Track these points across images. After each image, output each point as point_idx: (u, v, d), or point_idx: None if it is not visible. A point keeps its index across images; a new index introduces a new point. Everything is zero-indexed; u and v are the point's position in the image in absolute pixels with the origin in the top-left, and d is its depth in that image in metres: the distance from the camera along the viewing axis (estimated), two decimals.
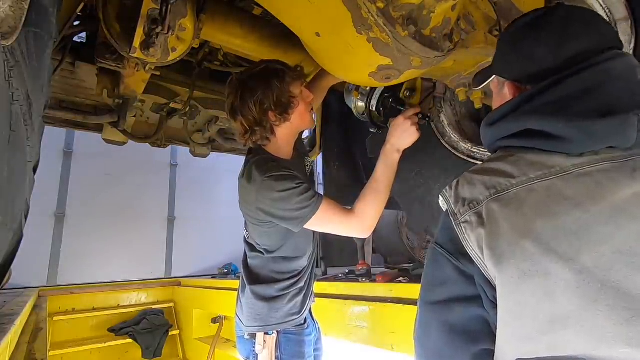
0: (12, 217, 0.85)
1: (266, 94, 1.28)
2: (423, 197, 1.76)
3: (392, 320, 1.65)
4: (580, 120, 0.58)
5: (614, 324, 0.48)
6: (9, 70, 0.67)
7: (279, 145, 1.40)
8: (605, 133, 0.57)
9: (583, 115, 0.58)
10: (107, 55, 1.60)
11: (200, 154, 2.97)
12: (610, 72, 0.61)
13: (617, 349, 0.48)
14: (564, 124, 0.59)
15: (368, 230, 1.32)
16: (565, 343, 0.51)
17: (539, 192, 0.58)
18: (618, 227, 0.52)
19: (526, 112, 0.64)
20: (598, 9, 1.31)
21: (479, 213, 0.62)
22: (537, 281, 0.53)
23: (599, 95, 0.60)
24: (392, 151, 1.36)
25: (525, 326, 0.55)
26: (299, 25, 1.08)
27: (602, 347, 0.48)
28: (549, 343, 0.52)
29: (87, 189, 4.80)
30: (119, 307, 4.42)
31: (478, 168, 0.69)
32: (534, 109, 0.64)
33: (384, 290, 1.81)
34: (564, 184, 0.57)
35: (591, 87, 0.60)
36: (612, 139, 0.57)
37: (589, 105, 0.59)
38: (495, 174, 0.64)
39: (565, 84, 0.62)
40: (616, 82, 0.60)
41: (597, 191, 0.55)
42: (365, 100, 1.67)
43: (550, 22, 0.69)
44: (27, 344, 1.15)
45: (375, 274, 2.08)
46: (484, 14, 1.28)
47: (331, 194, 2.39)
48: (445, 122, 1.75)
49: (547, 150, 0.61)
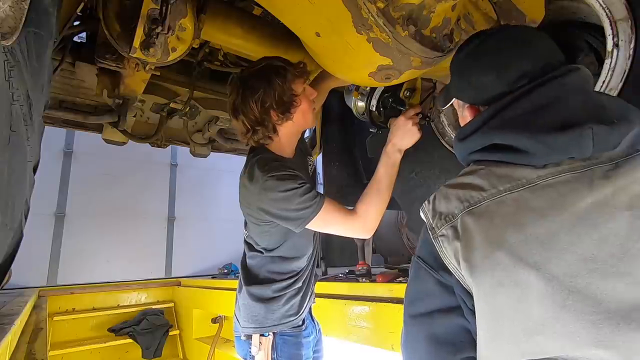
0: (12, 217, 0.85)
1: (267, 92, 1.26)
2: (423, 197, 1.75)
3: (392, 320, 1.65)
4: (542, 134, 0.61)
5: (582, 328, 0.51)
6: (9, 70, 0.67)
7: (282, 144, 1.39)
8: (564, 145, 0.60)
9: (544, 129, 0.61)
10: (107, 55, 1.60)
11: (200, 154, 2.97)
12: (565, 87, 0.65)
13: (588, 351, 0.51)
14: (527, 138, 0.62)
15: (370, 231, 1.31)
16: (542, 348, 0.54)
17: (508, 204, 0.61)
18: (580, 235, 0.55)
19: (492, 128, 0.68)
20: (598, 9, 1.31)
21: (454, 226, 0.65)
22: (512, 290, 0.57)
23: (557, 109, 0.63)
24: (394, 151, 1.36)
25: (504, 333, 0.57)
26: (299, 25, 1.08)
27: (575, 350, 0.52)
28: (526, 349, 0.55)
29: (87, 189, 4.80)
30: (119, 307, 4.42)
31: (453, 182, 0.72)
32: (499, 125, 0.67)
33: (384, 290, 1.81)
34: (530, 195, 0.60)
35: (549, 102, 0.64)
36: (571, 151, 0.60)
37: (549, 119, 0.62)
38: (468, 187, 0.67)
39: (525, 100, 0.66)
40: (571, 96, 0.64)
41: (560, 201, 0.58)
42: (365, 100, 1.67)
43: (486, 50, 0.74)
44: (27, 344, 1.15)
45: (375, 274, 2.08)
46: (484, 14, 1.28)
47: (331, 194, 2.39)
48: (445, 122, 1.75)
49: (514, 163, 0.64)
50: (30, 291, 3.38)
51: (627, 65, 1.21)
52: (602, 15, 1.29)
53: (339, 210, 1.28)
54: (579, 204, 0.56)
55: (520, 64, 0.69)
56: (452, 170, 1.66)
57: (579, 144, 0.59)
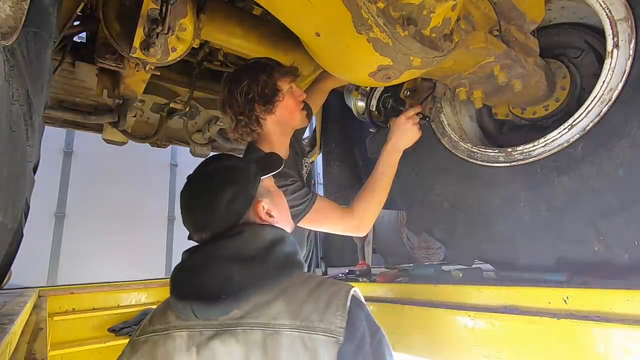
0: (12, 217, 0.85)
1: (251, 85, 1.30)
2: (423, 197, 1.76)
3: (392, 320, 1.65)
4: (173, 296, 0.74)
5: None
6: (9, 70, 0.67)
7: (273, 142, 1.39)
8: (182, 309, 0.71)
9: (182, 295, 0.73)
10: (107, 55, 1.60)
11: (200, 154, 2.97)
12: (211, 254, 0.74)
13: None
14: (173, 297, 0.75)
15: (365, 229, 1.32)
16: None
17: (149, 345, 0.72)
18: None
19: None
20: (598, 9, 1.31)
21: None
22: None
23: (196, 277, 0.73)
24: (393, 150, 1.36)
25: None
26: (299, 25, 1.07)
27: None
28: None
29: (87, 189, 4.80)
30: (119, 307, 4.41)
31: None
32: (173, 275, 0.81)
33: (384, 290, 1.81)
34: (162, 341, 0.71)
35: (194, 268, 0.75)
36: (188, 314, 0.70)
37: (188, 283, 0.74)
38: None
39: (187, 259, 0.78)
40: (192, 271, 0.75)
41: (164, 354, 0.69)
42: (365, 100, 1.67)
43: (182, 196, 0.84)
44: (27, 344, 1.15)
45: (375, 274, 2.08)
46: (484, 14, 1.28)
47: (331, 194, 2.39)
48: (445, 122, 1.75)
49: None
50: (30, 291, 3.37)
51: (627, 65, 1.21)
52: (602, 16, 1.30)
53: (333, 207, 1.29)
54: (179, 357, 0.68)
55: (186, 222, 0.82)
56: (452, 170, 1.66)
57: (186, 311, 0.70)
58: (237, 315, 0.67)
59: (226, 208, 0.76)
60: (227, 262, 0.71)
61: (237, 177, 0.80)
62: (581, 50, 1.57)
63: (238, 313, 0.67)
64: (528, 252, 1.35)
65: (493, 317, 1.21)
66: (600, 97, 1.24)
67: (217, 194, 0.77)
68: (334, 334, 0.62)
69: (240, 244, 0.74)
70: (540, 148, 1.36)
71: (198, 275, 0.72)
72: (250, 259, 0.72)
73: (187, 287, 0.72)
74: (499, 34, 1.27)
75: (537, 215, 1.33)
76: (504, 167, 1.46)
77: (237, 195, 0.77)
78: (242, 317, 0.67)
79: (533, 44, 1.43)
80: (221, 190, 0.77)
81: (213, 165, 0.86)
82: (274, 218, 0.82)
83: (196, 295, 0.69)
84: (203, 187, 0.80)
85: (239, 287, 0.68)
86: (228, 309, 0.68)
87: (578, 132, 1.27)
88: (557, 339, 1.03)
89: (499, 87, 1.41)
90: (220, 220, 0.76)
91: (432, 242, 3.26)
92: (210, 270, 0.72)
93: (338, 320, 0.63)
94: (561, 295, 1.10)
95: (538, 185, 1.34)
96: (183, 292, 0.72)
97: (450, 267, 1.80)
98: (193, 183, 0.83)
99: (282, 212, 0.88)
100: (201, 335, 0.68)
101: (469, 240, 1.54)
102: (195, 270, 0.74)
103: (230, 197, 0.76)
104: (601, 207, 1.18)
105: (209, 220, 0.77)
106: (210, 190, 0.78)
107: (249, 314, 0.67)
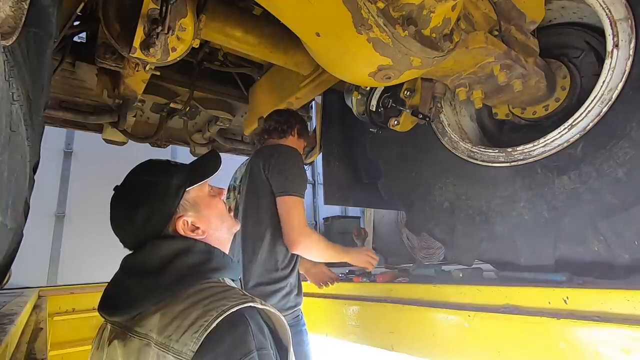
0: (12, 217, 0.85)
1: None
2: (423, 197, 1.76)
3: (392, 320, 1.65)
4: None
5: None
6: (9, 70, 0.67)
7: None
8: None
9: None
10: (107, 55, 1.60)
11: (200, 154, 2.96)
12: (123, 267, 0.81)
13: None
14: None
15: (297, 248, 1.51)
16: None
17: (99, 330, 0.82)
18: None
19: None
20: (598, 9, 1.31)
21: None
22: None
23: (107, 288, 0.80)
24: (347, 258, 1.66)
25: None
26: (299, 25, 1.07)
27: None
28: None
29: (87, 189, 4.79)
30: None
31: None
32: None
33: (384, 290, 1.81)
34: (103, 329, 0.81)
35: (112, 280, 0.81)
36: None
37: (105, 292, 0.80)
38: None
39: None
40: (110, 282, 0.80)
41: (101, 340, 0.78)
42: (365, 100, 1.67)
43: (110, 206, 0.87)
44: (27, 344, 1.15)
45: (375, 274, 2.08)
46: (484, 14, 1.28)
47: (331, 194, 2.39)
48: (445, 122, 1.75)
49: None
50: (30, 291, 3.37)
51: (627, 65, 1.21)
52: (602, 16, 1.30)
53: (303, 213, 1.52)
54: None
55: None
56: (452, 170, 1.66)
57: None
58: (129, 323, 0.72)
59: (142, 227, 0.78)
60: (128, 276, 0.78)
61: (155, 194, 0.80)
62: (581, 50, 1.57)
63: (131, 322, 0.72)
64: (528, 252, 1.35)
65: (493, 317, 1.22)
66: (600, 97, 1.24)
67: (133, 212, 0.79)
68: (182, 356, 0.62)
69: (141, 259, 0.79)
70: (540, 148, 1.36)
71: (108, 287, 0.80)
72: (147, 273, 0.75)
73: (103, 296, 0.79)
74: (499, 34, 1.27)
75: (537, 215, 1.33)
76: (504, 167, 1.46)
77: (153, 214, 0.78)
78: (132, 325, 0.72)
79: (533, 44, 1.43)
80: (136, 208, 0.79)
81: (136, 178, 0.87)
82: (200, 229, 0.82)
83: (102, 305, 0.77)
84: (122, 203, 0.83)
85: (134, 299, 0.72)
86: (123, 318, 0.74)
87: (578, 132, 1.27)
88: (557, 339, 1.04)
89: (499, 87, 1.41)
90: (135, 237, 0.80)
91: (432, 242, 3.26)
92: (114, 282, 0.80)
93: (192, 343, 0.62)
94: (561, 295, 1.10)
95: (538, 185, 1.34)
96: (101, 300, 0.79)
97: (450, 267, 1.81)
98: (117, 196, 0.85)
99: (211, 222, 0.86)
100: (114, 331, 0.76)
101: (469, 240, 1.55)
102: (111, 281, 0.81)
103: (146, 216, 0.78)
104: (601, 208, 1.18)
105: (126, 236, 0.82)
106: (127, 208, 0.80)
107: (137, 324, 0.71)
